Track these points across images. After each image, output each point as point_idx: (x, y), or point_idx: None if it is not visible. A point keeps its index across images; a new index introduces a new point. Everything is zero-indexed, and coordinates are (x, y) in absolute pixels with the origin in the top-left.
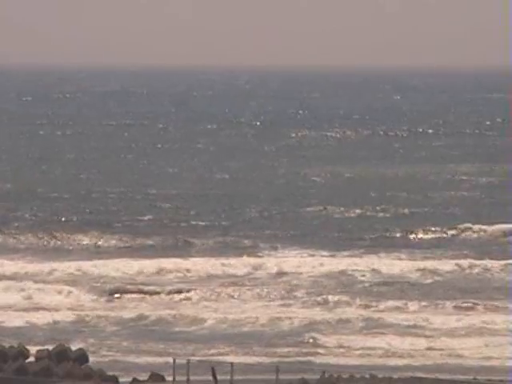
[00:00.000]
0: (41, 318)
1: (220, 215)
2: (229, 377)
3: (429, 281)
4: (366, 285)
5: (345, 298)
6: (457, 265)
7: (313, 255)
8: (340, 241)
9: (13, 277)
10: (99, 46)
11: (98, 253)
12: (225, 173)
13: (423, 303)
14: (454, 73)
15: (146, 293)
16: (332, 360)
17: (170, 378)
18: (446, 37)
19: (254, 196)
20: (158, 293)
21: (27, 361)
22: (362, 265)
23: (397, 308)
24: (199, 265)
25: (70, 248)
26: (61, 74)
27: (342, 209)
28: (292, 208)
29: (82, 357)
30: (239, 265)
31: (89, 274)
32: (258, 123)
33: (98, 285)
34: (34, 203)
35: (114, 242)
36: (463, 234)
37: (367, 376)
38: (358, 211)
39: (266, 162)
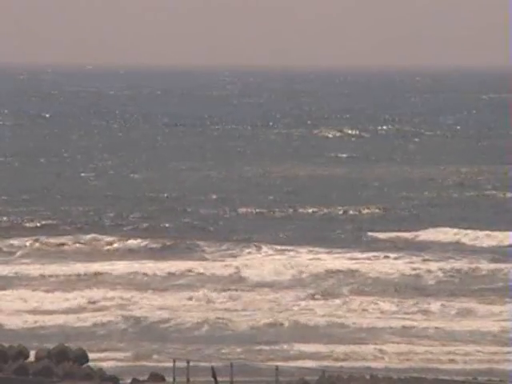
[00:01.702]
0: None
1: (217, 215)
2: (229, 378)
3: (428, 282)
4: (368, 285)
5: (343, 298)
6: (459, 266)
7: (312, 253)
8: (340, 240)
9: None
10: (99, 46)
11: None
12: (221, 172)
13: (422, 304)
14: (454, 73)
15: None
16: (332, 361)
17: (170, 379)
18: (447, 37)
19: (252, 196)
20: (158, 293)
21: (27, 361)
22: (363, 264)
23: (396, 309)
24: (199, 265)
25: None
26: (62, 73)
27: (340, 208)
28: (290, 208)
29: (81, 357)
30: (238, 265)
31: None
32: (258, 122)
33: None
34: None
35: (108, 244)
36: (466, 237)
37: (367, 376)
38: (356, 211)
39: (264, 161)
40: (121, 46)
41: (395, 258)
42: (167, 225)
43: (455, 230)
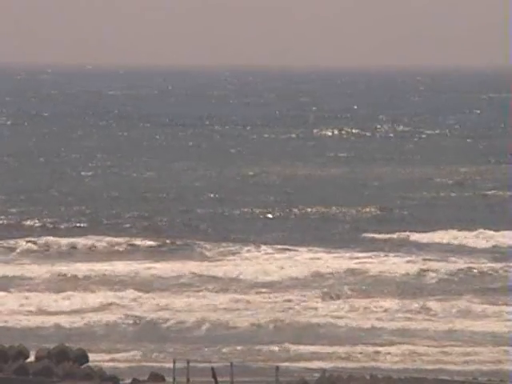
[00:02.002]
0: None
1: (216, 215)
2: (229, 378)
3: (428, 282)
4: (368, 284)
5: (343, 297)
6: (461, 267)
7: (311, 252)
8: (339, 240)
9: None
10: (98, 46)
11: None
12: (220, 172)
13: (422, 304)
14: (454, 73)
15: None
16: (332, 361)
17: (170, 379)
18: (447, 37)
19: (252, 195)
20: (158, 293)
21: (27, 361)
22: (363, 264)
23: (396, 308)
24: (199, 265)
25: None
26: (61, 73)
27: (339, 208)
28: (289, 207)
29: (82, 357)
30: (238, 265)
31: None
32: (257, 122)
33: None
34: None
35: (108, 244)
36: (466, 237)
37: (367, 376)
38: (356, 211)
39: (264, 161)
40: (120, 46)
41: (395, 258)
42: (167, 225)
43: (455, 230)
